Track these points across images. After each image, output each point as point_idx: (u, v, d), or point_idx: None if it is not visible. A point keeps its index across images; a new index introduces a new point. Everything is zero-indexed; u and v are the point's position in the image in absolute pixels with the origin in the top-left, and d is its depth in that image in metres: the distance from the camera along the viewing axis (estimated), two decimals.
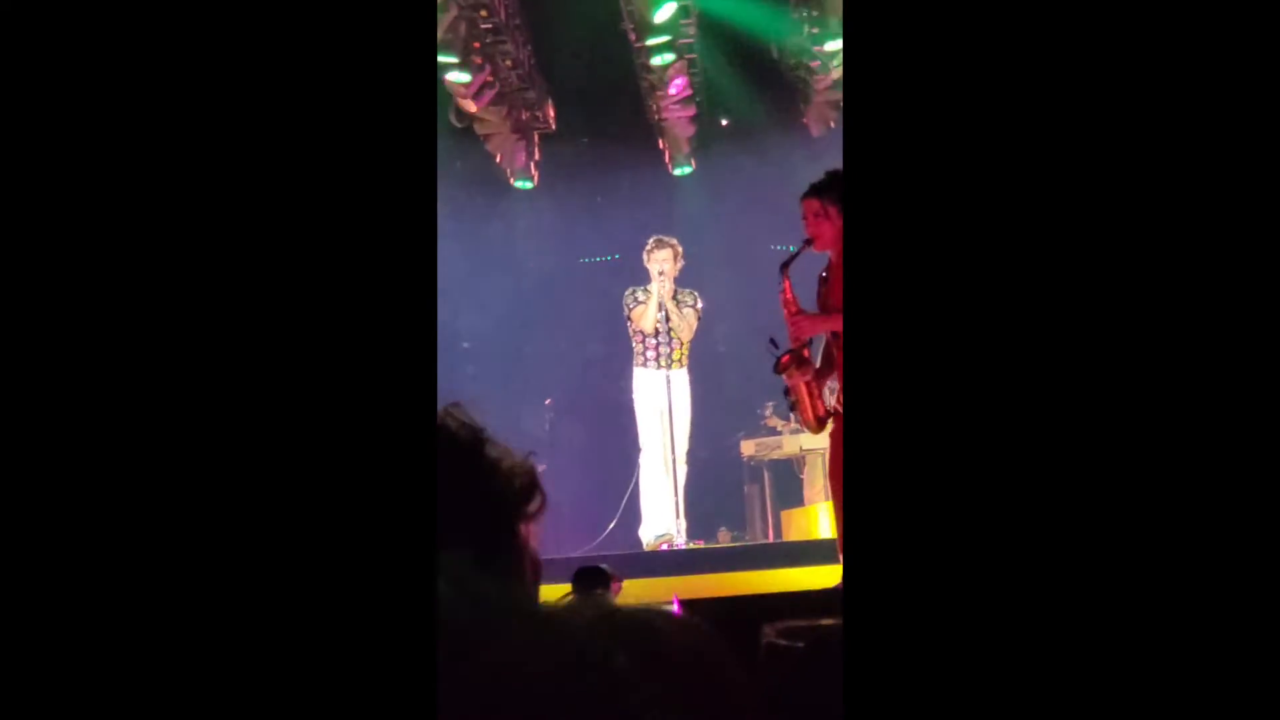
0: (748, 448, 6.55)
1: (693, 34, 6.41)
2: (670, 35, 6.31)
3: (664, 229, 5.87)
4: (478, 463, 0.57)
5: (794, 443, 6.31)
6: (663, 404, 5.47)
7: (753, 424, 6.66)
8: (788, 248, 3.59)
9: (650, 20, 6.16)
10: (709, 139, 7.57)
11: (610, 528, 6.17)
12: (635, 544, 5.62)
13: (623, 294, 5.63)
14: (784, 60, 6.86)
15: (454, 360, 7.01)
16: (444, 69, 6.07)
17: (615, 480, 6.16)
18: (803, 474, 6.29)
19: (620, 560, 4.21)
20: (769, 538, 6.25)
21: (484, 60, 6.30)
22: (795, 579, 4.21)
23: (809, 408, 3.48)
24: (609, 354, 6.50)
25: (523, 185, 7.67)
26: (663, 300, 5.47)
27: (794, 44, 6.63)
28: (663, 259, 5.46)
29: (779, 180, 6.38)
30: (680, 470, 5.53)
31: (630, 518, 5.86)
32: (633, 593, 3.23)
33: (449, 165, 6.73)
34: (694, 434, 5.67)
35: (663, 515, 5.48)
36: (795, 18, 6.44)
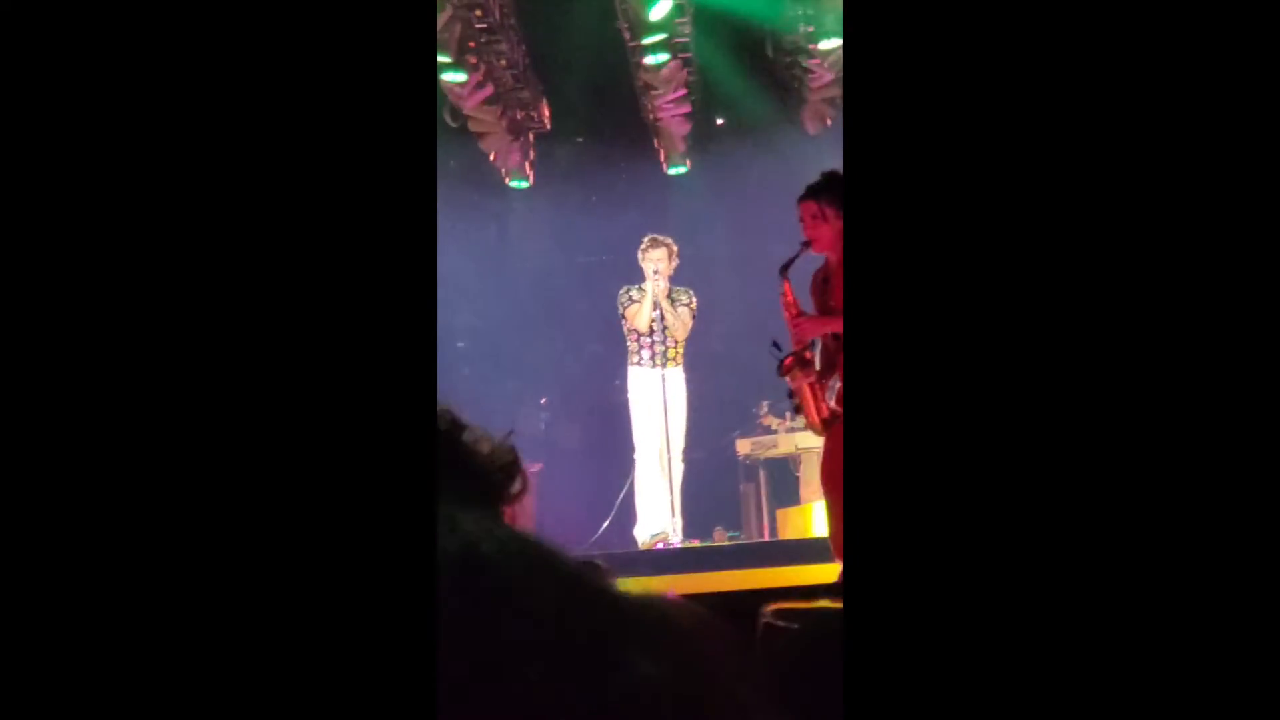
0: (743, 446, 6.55)
1: (688, 33, 6.41)
2: (665, 34, 6.31)
3: (659, 228, 5.87)
4: (456, 448, 0.57)
5: (789, 441, 6.31)
6: (658, 403, 5.47)
7: (748, 423, 6.66)
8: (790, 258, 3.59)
9: (645, 19, 6.16)
10: (704, 138, 7.57)
11: (605, 526, 6.17)
12: (630, 543, 5.62)
13: (617, 293, 5.64)
14: (779, 58, 6.86)
15: (450, 359, 7.01)
16: (439, 69, 6.07)
17: (610, 479, 6.17)
18: (799, 472, 6.29)
19: (616, 559, 4.22)
20: (764, 536, 6.26)
21: (479, 60, 6.30)
22: (791, 577, 4.21)
23: (813, 409, 3.50)
24: (604, 353, 6.49)
25: (518, 184, 7.67)
26: (657, 299, 5.47)
27: (789, 41, 6.63)
28: (657, 258, 5.47)
29: (774, 178, 6.39)
30: (675, 469, 5.54)
31: (625, 516, 5.86)
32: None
33: (444, 164, 6.72)
34: (689, 432, 5.68)
35: (658, 514, 5.48)
36: (791, 15, 6.44)
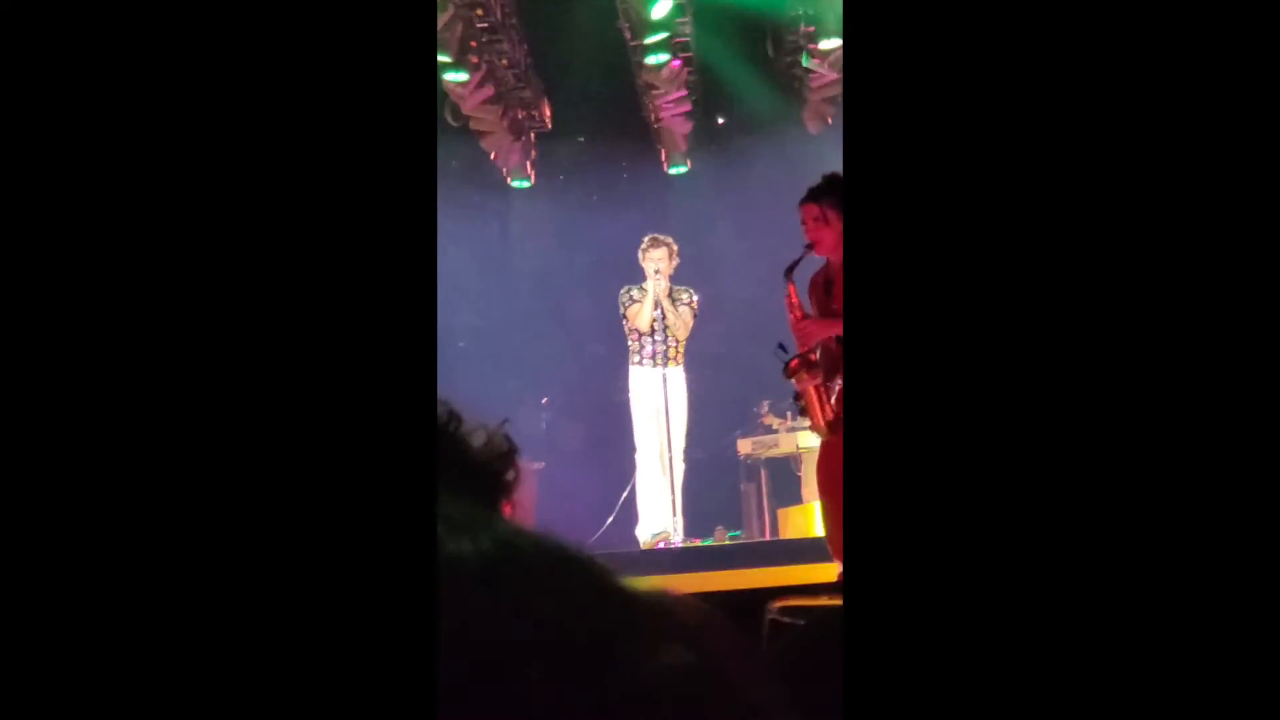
0: (744, 446, 6.54)
1: (689, 32, 6.42)
2: (666, 33, 6.31)
3: (660, 227, 5.87)
4: (452, 440, 0.57)
5: (791, 441, 6.31)
6: (659, 402, 5.47)
7: (749, 422, 6.66)
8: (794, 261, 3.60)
9: (646, 18, 6.17)
10: (705, 137, 7.57)
11: (606, 526, 6.17)
12: (632, 542, 5.62)
13: (618, 293, 5.63)
14: (780, 58, 6.86)
15: (450, 359, 7.01)
16: (440, 68, 6.07)
17: (612, 479, 6.16)
18: (800, 472, 6.29)
19: (617, 559, 4.22)
20: (766, 536, 6.26)
21: (480, 59, 6.30)
22: (792, 576, 4.21)
23: (819, 412, 3.50)
24: (605, 353, 6.49)
25: (519, 184, 7.67)
26: (658, 298, 5.47)
27: (790, 41, 6.63)
28: (658, 257, 5.46)
29: (776, 178, 6.39)
30: (677, 469, 5.53)
31: (627, 516, 5.86)
32: None
33: (445, 164, 6.72)
34: (690, 432, 5.67)
35: (659, 514, 5.48)
36: (792, 15, 6.44)
